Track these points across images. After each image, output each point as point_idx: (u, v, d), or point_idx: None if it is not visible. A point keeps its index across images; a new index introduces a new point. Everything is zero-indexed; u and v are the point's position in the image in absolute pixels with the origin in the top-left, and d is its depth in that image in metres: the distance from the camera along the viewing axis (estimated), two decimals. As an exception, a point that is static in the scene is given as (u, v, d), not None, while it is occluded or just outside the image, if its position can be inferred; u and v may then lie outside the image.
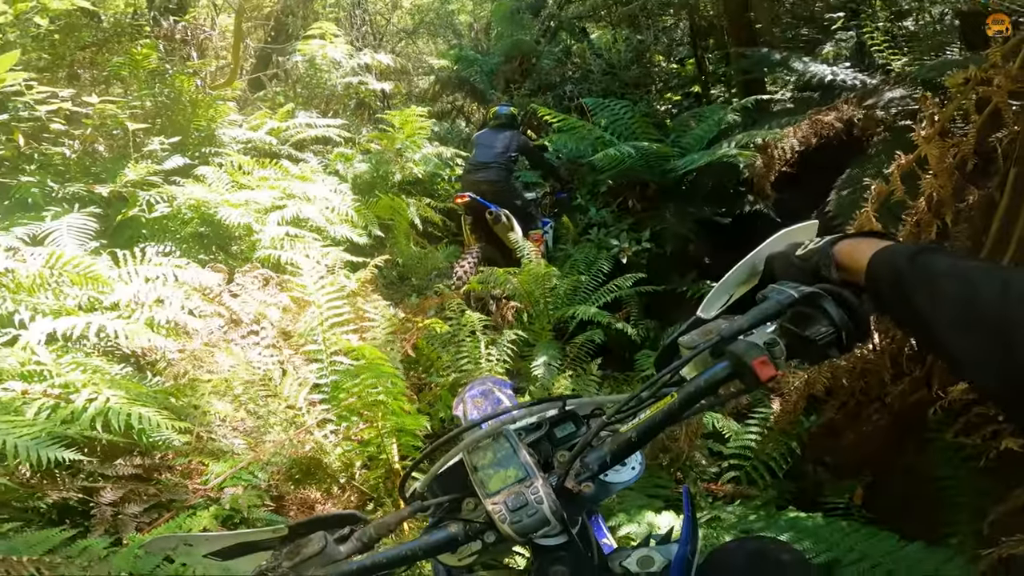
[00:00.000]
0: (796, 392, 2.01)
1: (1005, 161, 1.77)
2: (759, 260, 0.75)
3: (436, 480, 0.77)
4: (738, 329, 0.63)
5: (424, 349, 2.51)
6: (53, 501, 1.47)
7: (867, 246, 0.63)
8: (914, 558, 1.47)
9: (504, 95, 6.28)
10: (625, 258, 3.64)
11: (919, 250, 0.57)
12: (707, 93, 5.94)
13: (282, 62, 6.89)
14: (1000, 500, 1.59)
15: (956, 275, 0.53)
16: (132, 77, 3.88)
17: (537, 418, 0.79)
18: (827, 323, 0.61)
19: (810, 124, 3.61)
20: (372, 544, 0.70)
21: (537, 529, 0.63)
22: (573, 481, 0.67)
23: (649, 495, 1.94)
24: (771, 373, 0.59)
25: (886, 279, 0.58)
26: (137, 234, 3.09)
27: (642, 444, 0.67)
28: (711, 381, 0.63)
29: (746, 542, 0.83)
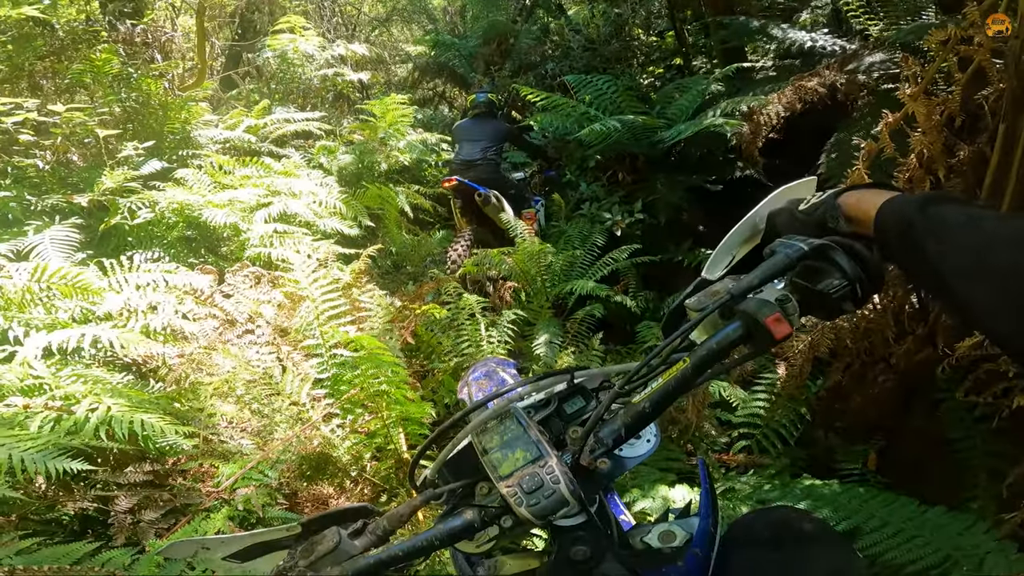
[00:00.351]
0: (801, 356, 2.02)
1: (993, 117, 1.78)
2: (760, 218, 0.73)
3: (447, 466, 0.75)
4: (748, 286, 0.60)
5: (424, 336, 2.49)
6: (74, 513, 1.48)
7: (874, 196, 0.61)
8: (936, 523, 1.46)
9: (485, 78, 6.19)
10: (619, 231, 3.62)
11: (929, 199, 0.56)
12: (689, 64, 5.89)
13: (252, 59, 6.74)
14: (1016, 462, 1.59)
15: (968, 223, 0.52)
16: (96, 83, 3.80)
17: (545, 394, 0.77)
18: (840, 276, 0.59)
19: (794, 90, 3.60)
20: (387, 536, 0.68)
21: (556, 511, 0.61)
22: (588, 458, 0.64)
23: (661, 469, 1.95)
24: (786, 331, 0.57)
25: (895, 229, 0.57)
26: (123, 242, 3.04)
27: (656, 414, 0.65)
28: (723, 343, 0.60)
29: (768, 512, 0.83)
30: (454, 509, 0.68)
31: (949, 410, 1.87)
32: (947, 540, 1.41)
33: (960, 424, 1.84)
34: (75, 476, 1.53)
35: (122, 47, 4.44)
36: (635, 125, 3.83)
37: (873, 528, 1.51)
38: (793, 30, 4.28)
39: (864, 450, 2.02)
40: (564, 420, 0.76)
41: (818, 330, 1.97)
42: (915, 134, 1.83)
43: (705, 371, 0.62)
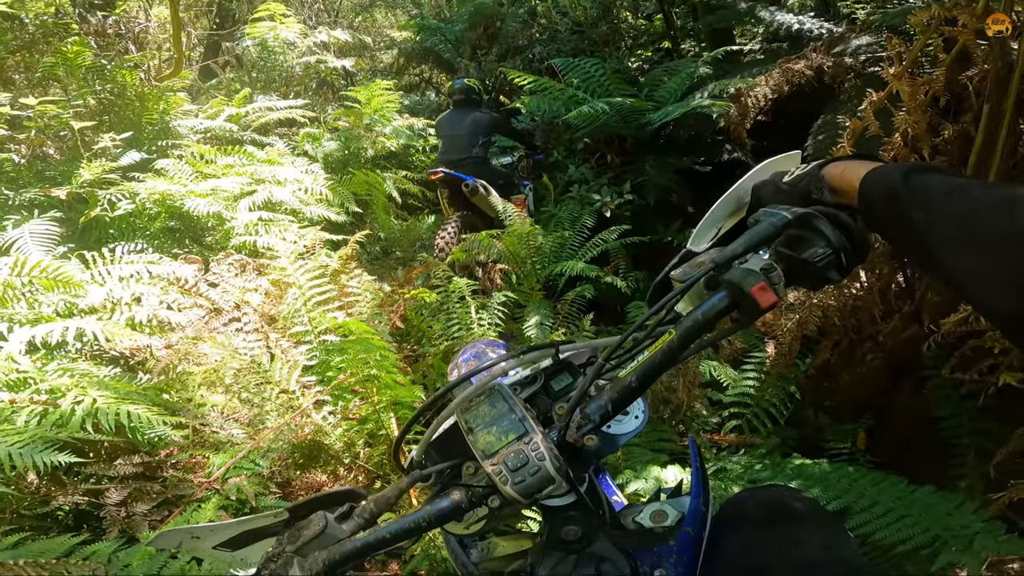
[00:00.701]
0: (789, 334, 2.04)
1: (978, 98, 1.79)
2: (744, 191, 0.73)
3: (435, 446, 0.74)
4: (732, 255, 0.60)
5: (414, 320, 2.48)
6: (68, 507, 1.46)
7: (858, 167, 0.61)
8: (925, 503, 1.47)
9: (471, 62, 6.11)
10: (608, 212, 3.62)
11: (913, 168, 0.55)
12: (677, 48, 5.86)
13: (231, 48, 6.60)
14: (1003, 441, 1.60)
15: (954, 192, 0.52)
16: (69, 76, 3.72)
17: (531, 370, 0.76)
18: (824, 244, 0.59)
19: (781, 72, 3.60)
20: (374, 519, 0.68)
21: (541, 489, 0.60)
22: (575, 434, 0.63)
23: (654, 449, 1.96)
24: (771, 299, 0.56)
25: (880, 198, 0.57)
26: (104, 234, 3.00)
27: (643, 388, 0.64)
28: (709, 313, 0.60)
29: (759, 491, 0.82)
30: (442, 490, 0.67)
31: (936, 388, 1.89)
32: (936, 520, 1.42)
33: (947, 402, 1.85)
34: (67, 470, 1.51)
35: (94, 39, 4.38)
36: (623, 107, 3.82)
37: (863, 508, 1.52)
38: (781, 13, 4.28)
39: (853, 429, 2.04)
40: (551, 397, 0.75)
41: (806, 308, 1.98)
42: (900, 113, 1.83)
43: (691, 343, 0.61)
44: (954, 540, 1.36)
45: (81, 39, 3.76)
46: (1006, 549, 1.30)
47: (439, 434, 0.75)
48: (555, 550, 0.71)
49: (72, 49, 3.60)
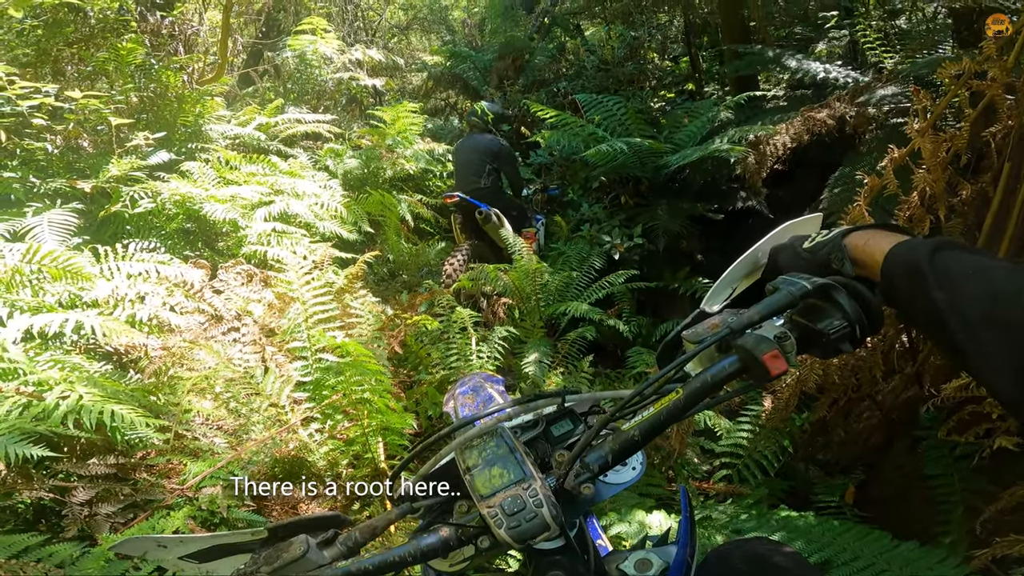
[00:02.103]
0: (788, 389, 2.00)
1: (998, 156, 1.76)
2: (763, 253, 0.72)
3: (426, 480, 0.73)
4: (748, 322, 0.60)
5: (413, 346, 2.47)
6: (30, 502, 1.44)
7: (882, 239, 0.60)
8: (907, 558, 1.45)
9: (497, 92, 6.25)
10: (617, 254, 3.62)
11: (939, 245, 0.55)
12: (701, 90, 5.94)
13: (272, 57, 6.83)
14: (993, 499, 1.57)
15: (979, 274, 0.51)
16: (117, 73, 3.84)
17: (533, 415, 0.76)
18: (840, 316, 0.58)
19: (802, 121, 3.60)
20: (358, 549, 0.66)
21: (536, 535, 0.60)
22: (573, 482, 0.64)
23: (641, 494, 1.92)
24: (782, 368, 0.56)
25: (904, 275, 0.56)
26: (120, 230, 3.04)
27: (645, 443, 0.64)
28: (719, 376, 0.60)
29: (743, 544, 0.81)
30: (430, 525, 0.67)
31: (930, 448, 1.86)
32: (916, 575, 1.40)
33: (940, 461, 1.82)
34: (37, 464, 1.50)
35: (148, 38, 4.52)
36: (641, 148, 3.84)
37: (844, 561, 1.49)
38: (808, 60, 4.30)
39: (843, 483, 2.00)
40: (551, 442, 0.75)
41: (806, 365, 1.94)
42: (919, 171, 1.81)
43: (698, 403, 0.61)
44: None
45: (137, 37, 3.90)
46: None
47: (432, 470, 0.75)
48: None
49: (126, 46, 3.72)
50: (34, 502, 1.41)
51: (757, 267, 0.73)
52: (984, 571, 1.42)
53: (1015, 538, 1.37)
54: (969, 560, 1.45)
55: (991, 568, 1.46)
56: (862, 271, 0.61)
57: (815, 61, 4.33)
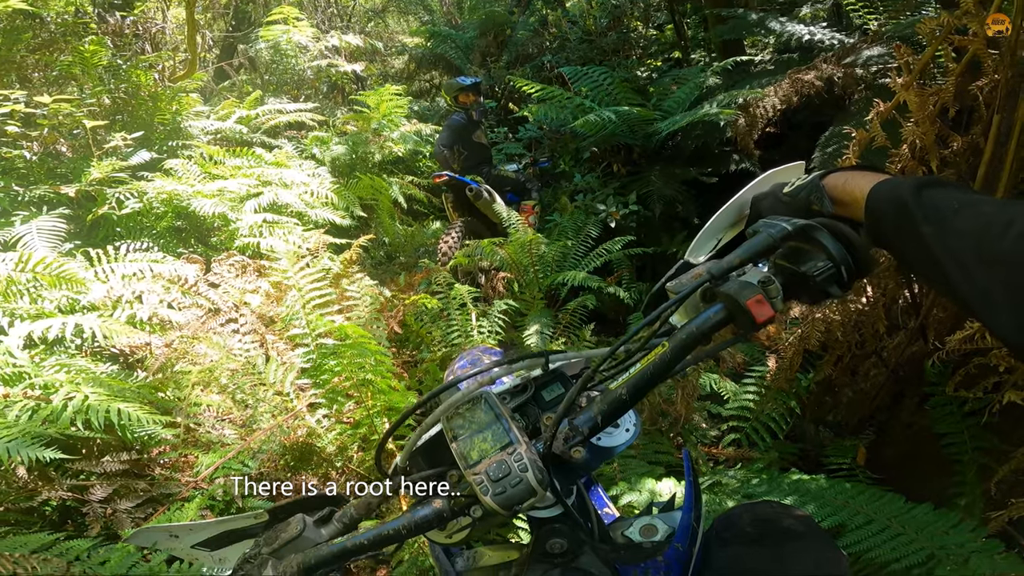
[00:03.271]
0: (791, 348, 2.00)
1: (988, 108, 1.75)
2: (745, 202, 0.71)
3: (422, 454, 0.73)
4: (728, 267, 0.58)
5: (413, 326, 2.47)
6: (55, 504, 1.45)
7: (862, 179, 0.59)
8: (922, 521, 1.43)
9: (481, 69, 6.15)
10: (613, 222, 3.61)
11: (924, 182, 0.54)
12: (687, 58, 5.85)
13: (245, 50, 6.69)
14: (1005, 458, 1.57)
15: (966, 208, 0.50)
16: (85, 75, 3.78)
17: (521, 379, 0.74)
18: (824, 257, 0.57)
19: (791, 83, 3.57)
20: (354, 525, 0.66)
21: (522, 500, 0.58)
22: (562, 447, 0.61)
23: (650, 462, 1.92)
24: (768, 313, 0.55)
25: (889, 211, 0.55)
26: (111, 232, 3.02)
27: (634, 401, 0.62)
28: (704, 327, 0.58)
29: (753, 507, 0.80)
30: (425, 499, 0.66)
31: (938, 405, 1.85)
32: (932, 538, 1.38)
33: (949, 419, 1.81)
34: (56, 466, 1.51)
35: (111, 39, 4.43)
36: (631, 116, 3.81)
37: (858, 525, 1.48)
38: (792, 24, 4.24)
39: (854, 445, 2.00)
40: (541, 408, 0.74)
41: (809, 323, 1.95)
42: (908, 124, 1.80)
43: (685, 356, 0.59)
44: (949, 559, 1.32)
45: (99, 38, 3.82)
46: (1002, 568, 1.25)
47: (425, 441, 0.74)
48: (540, 563, 0.70)
49: (90, 48, 3.65)
50: (59, 504, 1.42)
51: (741, 217, 0.72)
52: (1002, 533, 1.41)
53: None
54: (986, 522, 1.43)
55: (1008, 531, 1.45)
56: (844, 211, 0.60)
57: (799, 24, 4.28)
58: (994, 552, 1.30)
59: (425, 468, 0.70)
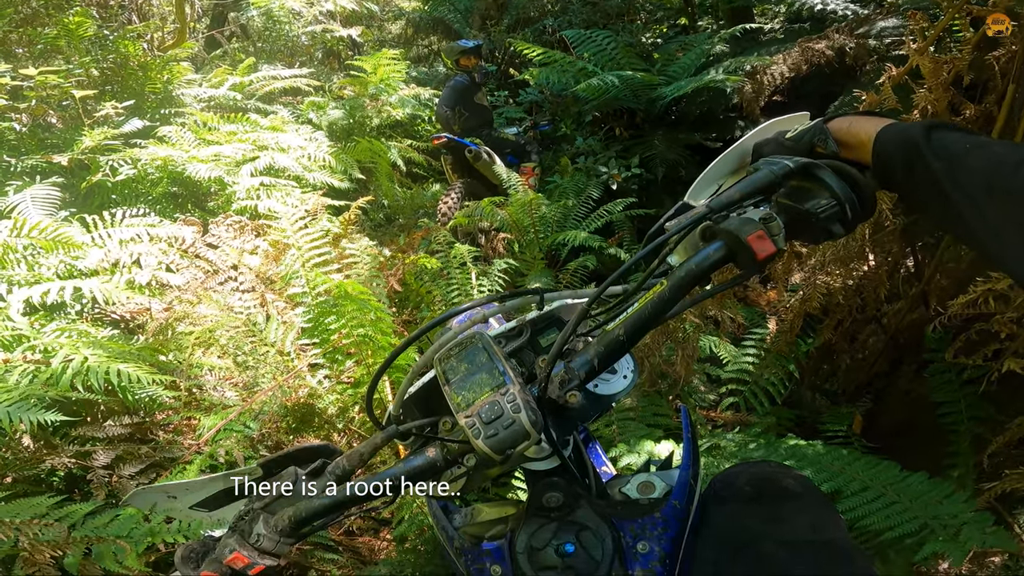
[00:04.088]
0: (792, 311, 2.00)
1: (1003, 78, 1.71)
2: (746, 149, 0.69)
3: (417, 403, 0.71)
4: (728, 201, 0.56)
5: (413, 285, 2.46)
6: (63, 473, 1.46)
7: (867, 123, 0.58)
8: (916, 490, 1.44)
9: (481, 33, 5.99)
10: (615, 184, 3.57)
11: (934, 125, 0.53)
12: (694, 24, 5.68)
13: (237, 18, 6.50)
14: (1000, 429, 1.56)
15: (977, 147, 0.50)
16: (71, 47, 3.72)
17: (517, 323, 0.72)
18: (828, 195, 0.55)
19: (800, 52, 3.48)
20: (347, 476, 0.65)
21: (515, 443, 0.55)
22: (558, 391, 0.59)
23: (649, 424, 1.93)
24: (770, 249, 0.53)
25: (899, 153, 0.54)
26: (106, 199, 3.00)
27: (633, 342, 0.59)
28: (704, 264, 0.56)
29: (751, 466, 0.79)
30: (420, 448, 0.64)
31: (937, 372, 1.85)
32: (925, 508, 1.39)
33: (947, 387, 1.81)
34: (60, 433, 1.51)
35: (96, 10, 4.32)
36: (634, 81, 3.73)
37: (854, 491, 1.49)
38: (805, -9, 4.10)
39: (850, 412, 2.00)
40: (538, 353, 0.72)
41: (810, 286, 1.93)
42: (920, 90, 1.76)
43: (684, 295, 0.57)
44: (941, 529, 1.33)
45: (83, 10, 3.74)
46: (992, 542, 1.27)
47: (420, 389, 0.73)
48: (536, 516, 0.70)
49: (74, 20, 3.58)
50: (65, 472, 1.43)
51: (743, 164, 0.70)
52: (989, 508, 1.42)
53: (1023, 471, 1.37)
54: (979, 494, 1.44)
55: (996, 507, 1.46)
56: (849, 153, 0.59)
57: (813, -8, 4.13)
58: (985, 525, 1.31)
59: (420, 418, 0.68)
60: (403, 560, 1.45)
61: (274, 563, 0.59)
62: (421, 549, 1.49)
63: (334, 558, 1.55)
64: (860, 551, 0.65)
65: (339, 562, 1.55)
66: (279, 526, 0.59)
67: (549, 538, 0.68)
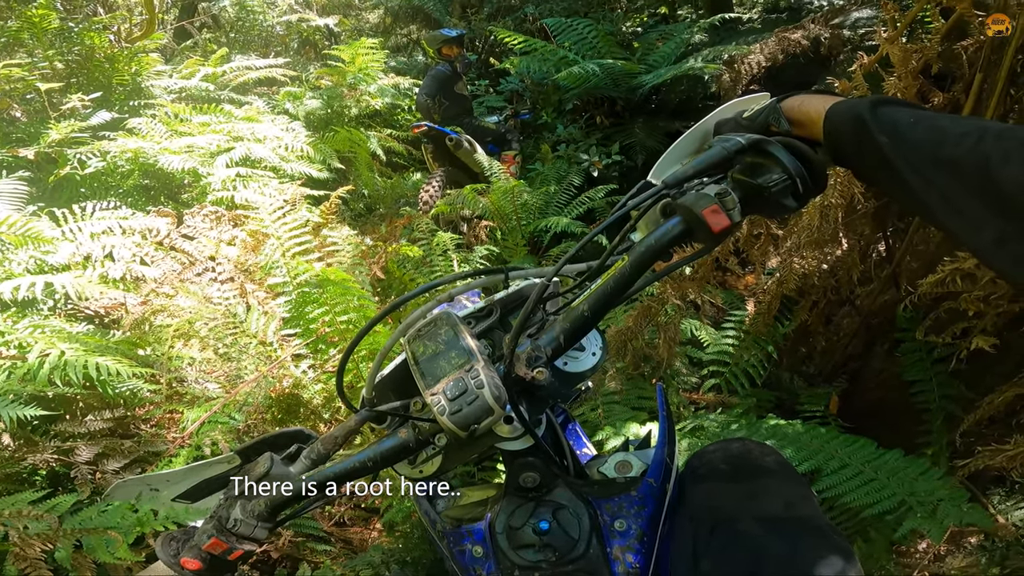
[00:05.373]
0: (769, 293, 2.04)
1: (971, 68, 1.75)
2: (708, 129, 0.71)
3: (392, 387, 0.72)
4: (682, 176, 0.58)
5: (396, 273, 2.45)
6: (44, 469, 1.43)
7: (818, 101, 0.60)
8: (893, 467, 1.47)
9: (461, 22, 5.93)
10: (596, 171, 3.60)
11: (880, 100, 0.55)
12: (674, 14, 5.72)
13: (208, 8, 6.34)
14: (971, 407, 1.60)
15: (922, 120, 0.52)
16: (35, 40, 3.61)
17: (486, 303, 0.73)
18: (780, 170, 0.57)
19: (777, 41, 3.54)
20: (322, 460, 0.66)
21: (479, 419, 0.55)
22: (525, 368, 0.59)
23: (634, 408, 1.96)
24: (724, 223, 0.54)
25: (846, 126, 0.56)
26: (75, 193, 2.93)
27: (597, 318, 0.60)
28: (663, 239, 0.57)
29: (727, 444, 0.81)
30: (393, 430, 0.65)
31: (908, 351, 1.89)
32: (903, 484, 1.42)
33: (919, 366, 1.85)
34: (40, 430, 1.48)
35: (60, 2, 4.19)
36: (614, 69, 3.76)
37: (833, 469, 1.52)
38: (783, -19, 4.17)
39: (827, 393, 2.05)
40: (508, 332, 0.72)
41: (786, 268, 1.98)
42: (890, 78, 1.80)
43: (644, 270, 0.58)
44: (919, 506, 1.36)
45: (47, 2, 3.62)
46: (968, 519, 1.30)
47: (393, 371, 0.73)
48: (514, 496, 0.71)
49: (37, 12, 3.47)
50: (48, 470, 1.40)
51: (705, 143, 0.72)
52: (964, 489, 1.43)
53: (996, 448, 1.40)
54: (953, 471, 1.48)
55: (969, 486, 1.49)
56: (802, 131, 0.61)
57: (791, -18, 4.20)
58: (961, 502, 1.33)
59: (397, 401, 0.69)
60: (393, 547, 1.46)
61: (253, 547, 0.60)
62: (410, 533, 1.50)
63: (326, 548, 1.56)
64: (833, 527, 0.67)
65: (331, 552, 1.56)
66: (256, 511, 0.60)
67: (527, 517, 0.69)
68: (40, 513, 1.03)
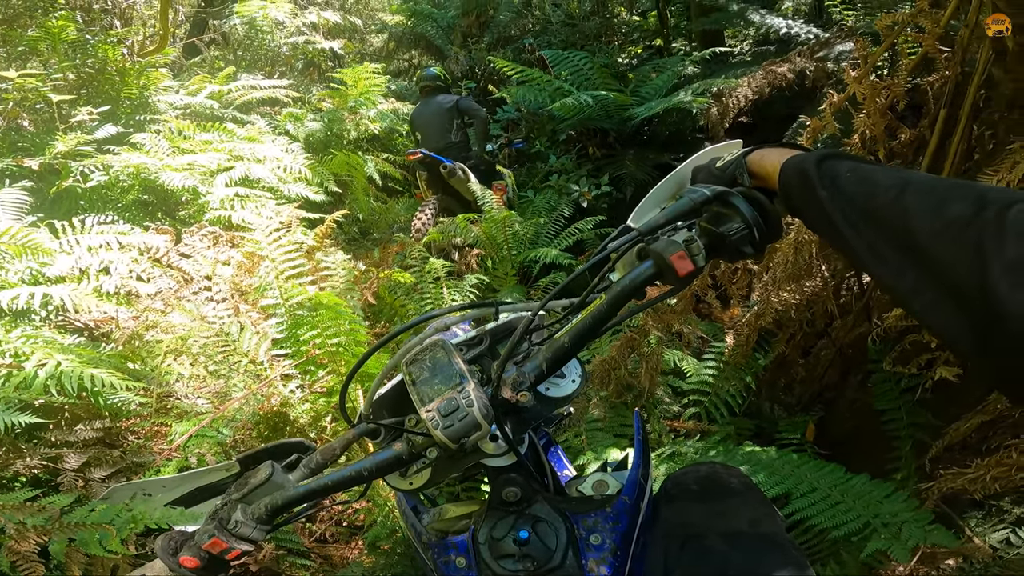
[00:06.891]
0: (747, 326, 2.10)
1: (936, 103, 1.84)
2: (685, 175, 0.78)
3: (387, 405, 0.77)
4: (655, 225, 0.64)
5: (387, 299, 2.50)
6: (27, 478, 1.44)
7: (776, 155, 0.66)
8: (859, 491, 1.53)
9: (462, 50, 6.10)
10: (585, 202, 3.68)
11: (827, 155, 0.60)
12: (668, 46, 5.90)
13: (219, 26, 6.49)
14: (938, 434, 1.66)
15: (856, 173, 0.56)
16: (51, 51, 3.69)
17: (477, 332, 0.79)
18: (739, 220, 0.63)
19: (764, 75, 3.66)
20: (320, 470, 0.71)
21: (468, 433, 0.62)
22: (511, 391, 0.66)
23: (616, 435, 2.01)
24: (688, 268, 0.61)
25: (795, 181, 0.61)
26: (75, 206, 2.97)
27: (577, 349, 0.67)
28: (636, 280, 0.64)
29: (698, 467, 0.87)
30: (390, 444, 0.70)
31: (879, 381, 1.95)
32: (868, 507, 1.48)
33: (888, 395, 1.92)
34: (28, 437, 1.50)
35: (79, 14, 4.29)
36: (607, 101, 3.86)
37: (803, 493, 1.58)
38: (772, 16, 4.33)
39: (804, 421, 2.11)
40: (496, 360, 0.76)
41: (764, 301, 2.05)
42: (859, 115, 1.89)
43: (619, 308, 0.65)
44: (883, 528, 1.42)
45: (67, 13, 3.71)
46: (932, 539, 1.35)
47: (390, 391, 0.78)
48: (497, 510, 0.76)
49: (57, 23, 3.55)
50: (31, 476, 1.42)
51: (682, 188, 0.79)
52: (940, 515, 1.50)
53: (958, 471, 1.46)
54: (919, 494, 1.53)
55: (944, 509, 1.55)
56: (761, 183, 0.67)
57: (778, 17, 4.37)
58: (924, 523, 1.39)
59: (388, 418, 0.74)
60: (375, 564, 1.48)
61: (250, 548, 0.64)
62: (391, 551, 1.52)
63: (306, 564, 1.57)
64: (794, 544, 0.72)
65: (311, 568, 1.57)
66: (256, 514, 0.64)
67: (508, 529, 0.73)
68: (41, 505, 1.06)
